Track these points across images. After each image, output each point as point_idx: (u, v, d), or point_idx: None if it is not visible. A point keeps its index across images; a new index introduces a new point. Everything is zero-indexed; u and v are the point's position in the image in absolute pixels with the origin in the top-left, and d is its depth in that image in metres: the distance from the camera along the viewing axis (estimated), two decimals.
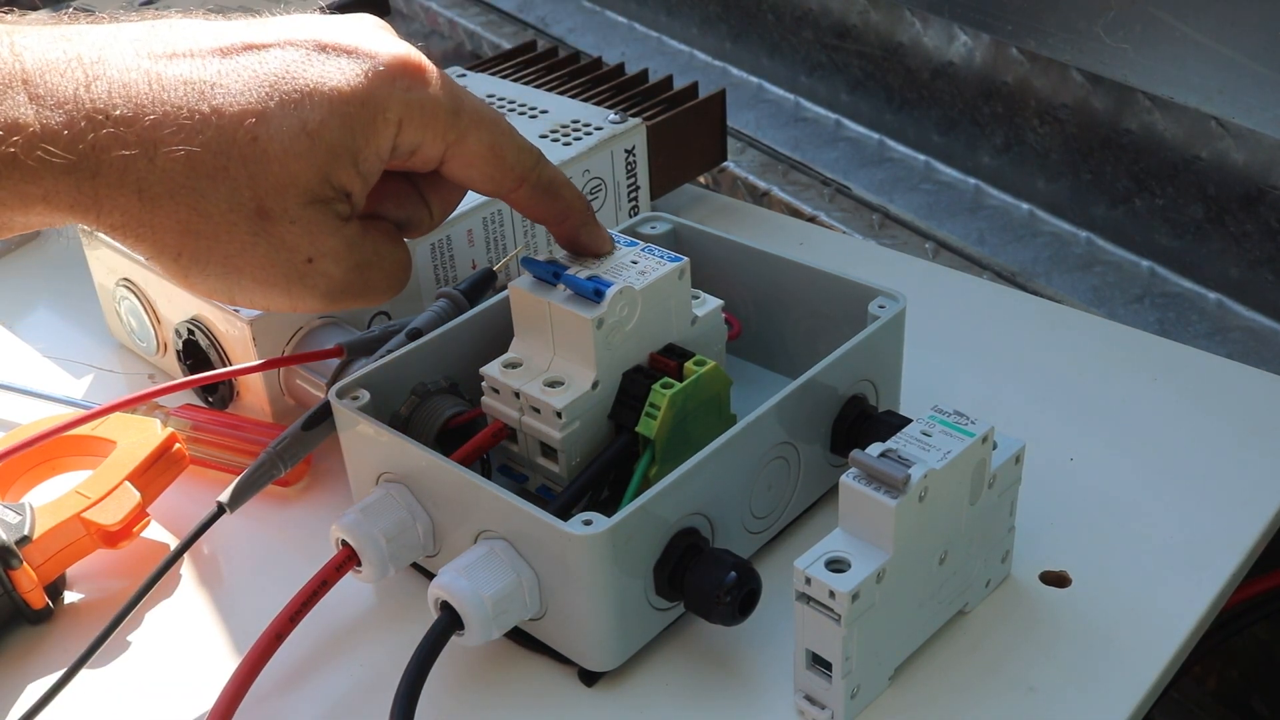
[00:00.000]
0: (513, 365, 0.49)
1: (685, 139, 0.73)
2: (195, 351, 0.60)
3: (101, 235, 0.63)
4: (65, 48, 0.39)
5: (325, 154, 0.41)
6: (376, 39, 0.43)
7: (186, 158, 0.39)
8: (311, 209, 0.41)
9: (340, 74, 0.41)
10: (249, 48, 0.41)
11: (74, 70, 0.38)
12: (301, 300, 0.43)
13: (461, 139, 0.44)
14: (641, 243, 0.50)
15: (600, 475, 0.47)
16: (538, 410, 0.47)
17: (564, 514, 0.43)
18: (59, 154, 0.37)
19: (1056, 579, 0.49)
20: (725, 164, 0.89)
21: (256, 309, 0.43)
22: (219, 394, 0.60)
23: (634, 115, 0.70)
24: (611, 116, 0.69)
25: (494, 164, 0.45)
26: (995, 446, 0.44)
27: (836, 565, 0.41)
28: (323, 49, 0.42)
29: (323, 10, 0.55)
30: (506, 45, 1.08)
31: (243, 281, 0.41)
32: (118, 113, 0.38)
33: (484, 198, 0.61)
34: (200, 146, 0.39)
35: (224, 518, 0.49)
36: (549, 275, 0.48)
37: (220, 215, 0.40)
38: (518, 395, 0.48)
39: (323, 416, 0.51)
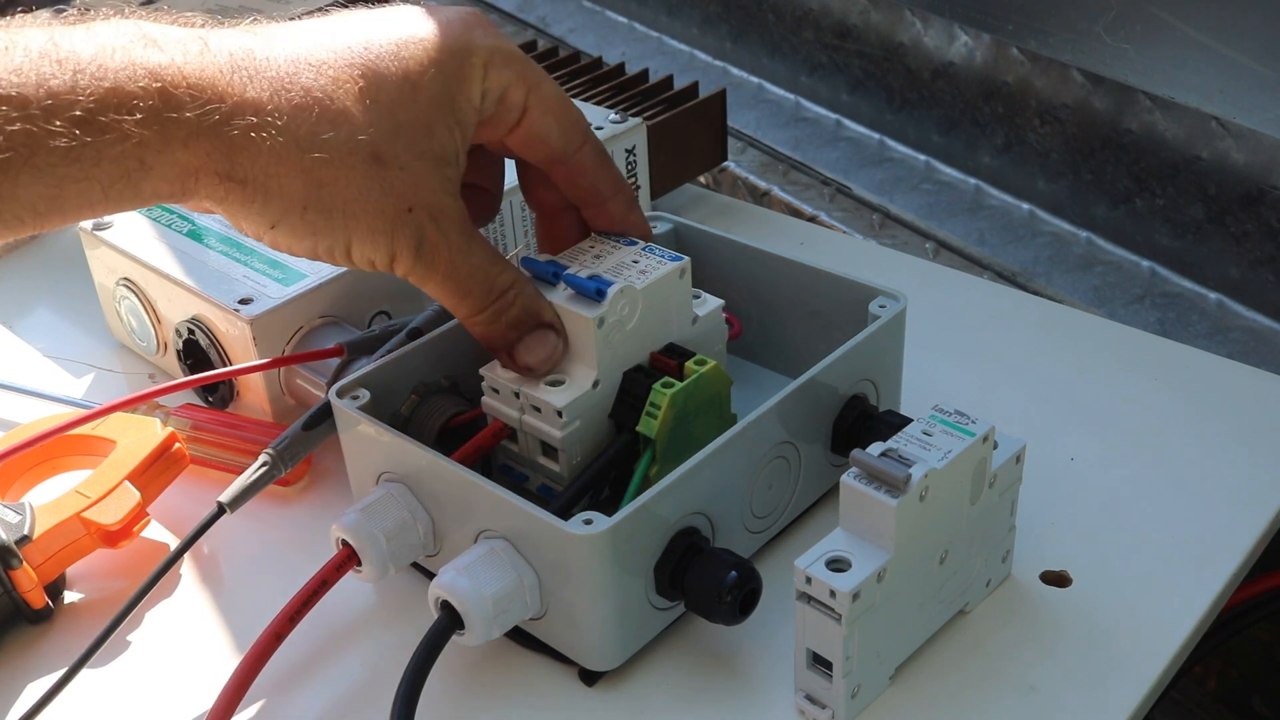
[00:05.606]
0: None
1: (685, 139, 0.73)
2: (195, 351, 0.60)
3: (102, 234, 0.63)
4: (167, 26, 0.41)
5: (427, 104, 0.43)
6: (437, 6, 0.46)
7: (310, 104, 0.41)
8: (421, 161, 0.43)
9: (425, 28, 0.44)
10: (335, 19, 0.44)
11: (189, 38, 0.40)
12: (401, 255, 0.44)
13: (539, 83, 0.46)
14: (642, 242, 0.50)
15: (601, 475, 0.47)
16: (538, 409, 0.47)
17: (564, 513, 0.43)
18: (203, 109, 0.39)
19: (1057, 579, 0.49)
20: (725, 164, 0.89)
21: (362, 265, 0.44)
22: (219, 394, 0.60)
23: (634, 115, 0.70)
24: (612, 116, 0.69)
25: (567, 112, 0.47)
26: (996, 446, 0.44)
27: (837, 565, 0.41)
28: (399, 12, 0.45)
29: (324, 11, 0.56)
30: None
31: (358, 230, 0.43)
32: (244, 73, 0.40)
33: None
34: (321, 92, 0.41)
35: (224, 518, 0.49)
36: (549, 274, 0.48)
37: (341, 159, 0.41)
38: (518, 395, 0.48)
39: (323, 416, 0.51)
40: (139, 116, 0.38)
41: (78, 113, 0.37)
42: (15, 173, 0.37)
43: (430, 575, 0.45)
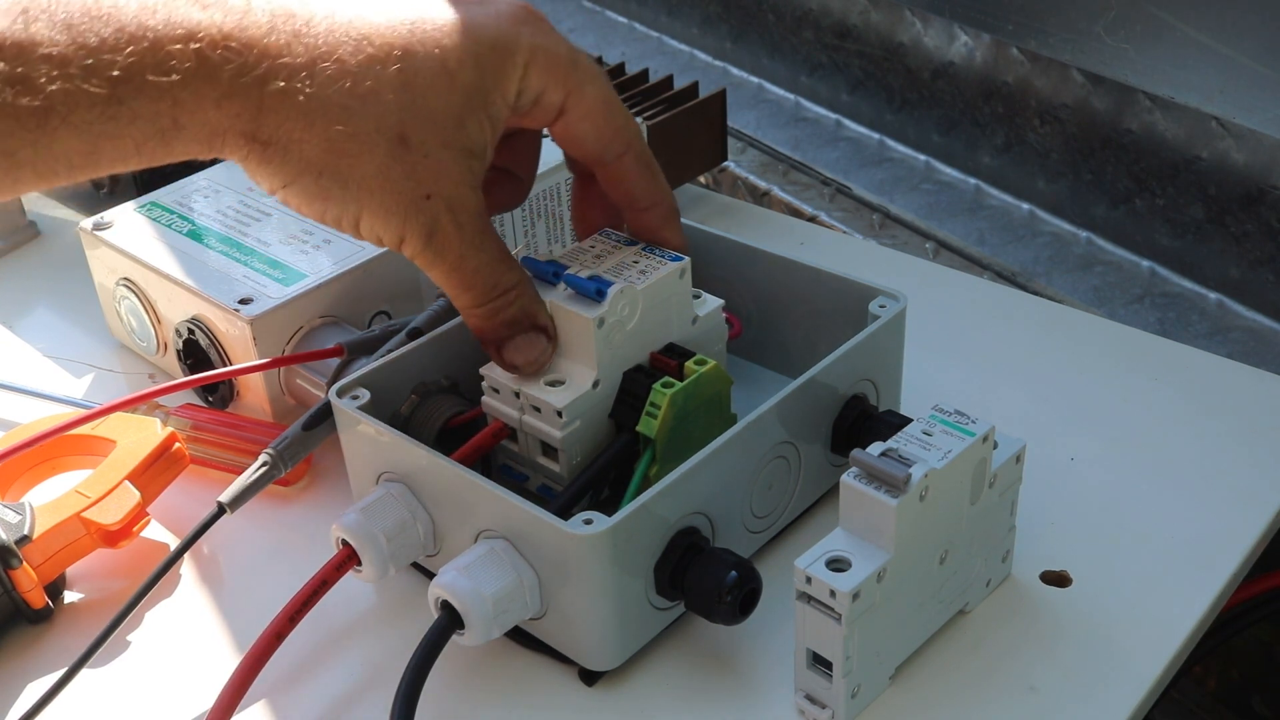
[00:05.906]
0: None
1: (686, 139, 0.73)
2: (195, 351, 0.60)
3: (102, 234, 0.63)
4: None
5: (461, 95, 0.43)
6: None
7: (343, 76, 0.41)
8: (447, 151, 0.43)
9: (471, 17, 0.44)
10: None
11: None
12: (411, 239, 0.43)
13: (580, 87, 0.45)
14: (642, 242, 0.50)
15: (601, 474, 0.47)
16: (538, 409, 0.47)
17: (564, 513, 0.43)
18: (238, 71, 0.39)
19: (1057, 579, 0.49)
20: (725, 164, 0.89)
21: (369, 239, 0.44)
22: (219, 393, 0.60)
23: (634, 115, 0.70)
24: None
25: (608, 119, 0.47)
26: (996, 446, 0.44)
27: (837, 564, 0.41)
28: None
29: None
30: None
31: (370, 205, 0.42)
32: (283, 36, 0.40)
33: None
34: (357, 67, 0.41)
35: (224, 518, 0.49)
36: (550, 274, 0.48)
37: (366, 135, 0.41)
38: (518, 394, 0.48)
39: (323, 416, 0.51)
40: (175, 78, 0.38)
41: (116, 73, 0.37)
42: (53, 129, 0.37)
43: (430, 575, 0.45)
